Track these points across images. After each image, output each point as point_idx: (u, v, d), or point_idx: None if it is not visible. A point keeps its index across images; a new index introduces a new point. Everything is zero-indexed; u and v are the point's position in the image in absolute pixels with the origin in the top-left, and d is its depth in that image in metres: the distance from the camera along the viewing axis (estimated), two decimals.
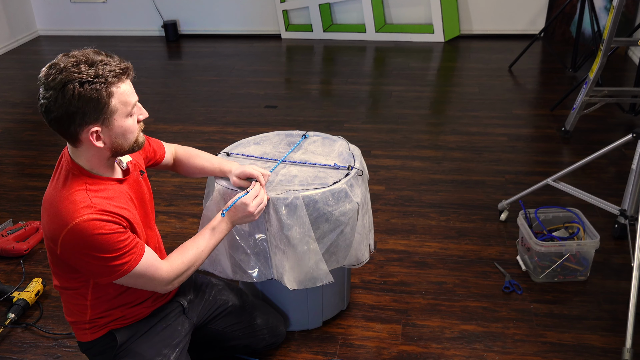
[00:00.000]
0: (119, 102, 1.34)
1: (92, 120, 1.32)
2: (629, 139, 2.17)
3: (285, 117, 3.70)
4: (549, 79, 4.16)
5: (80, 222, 1.32)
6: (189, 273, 1.56)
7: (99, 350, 1.59)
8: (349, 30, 5.17)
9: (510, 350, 1.90)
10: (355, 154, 1.87)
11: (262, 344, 1.84)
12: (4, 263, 2.43)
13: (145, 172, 1.65)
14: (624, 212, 2.28)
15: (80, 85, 1.27)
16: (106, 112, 1.32)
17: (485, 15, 5.01)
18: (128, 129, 1.39)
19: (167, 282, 1.51)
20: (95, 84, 1.28)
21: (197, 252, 1.57)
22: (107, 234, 1.35)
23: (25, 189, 3.01)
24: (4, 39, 5.31)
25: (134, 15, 5.50)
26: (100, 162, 1.42)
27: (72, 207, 1.34)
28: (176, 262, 1.53)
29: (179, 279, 1.54)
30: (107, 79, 1.30)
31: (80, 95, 1.27)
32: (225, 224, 1.62)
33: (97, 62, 1.30)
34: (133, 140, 1.42)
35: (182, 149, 1.84)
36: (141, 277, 1.45)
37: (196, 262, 1.57)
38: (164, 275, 1.49)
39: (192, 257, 1.55)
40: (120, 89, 1.34)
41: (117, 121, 1.35)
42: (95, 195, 1.38)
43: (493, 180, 2.88)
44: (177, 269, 1.52)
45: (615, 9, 2.82)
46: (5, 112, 4.02)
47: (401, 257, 2.36)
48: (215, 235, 1.61)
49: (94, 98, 1.29)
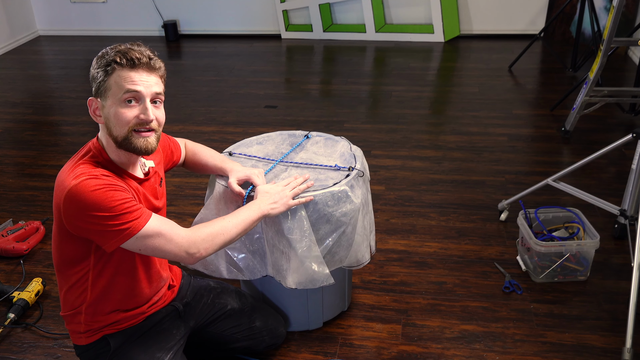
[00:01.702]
0: (114, 83, 1.39)
1: (95, 91, 1.43)
2: (629, 139, 2.17)
3: (285, 117, 3.70)
4: (549, 79, 4.16)
5: (78, 182, 1.34)
6: (216, 242, 1.47)
7: (93, 354, 1.59)
8: (349, 30, 5.17)
9: (510, 350, 1.90)
10: (356, 154, 1.87)
11: (262, 346, 1.84)
12: (4, 263, 2.43)
13: (164, 180, 1.66)
14: (624, 212, 2.28)
15: (101, 57, 1.41)
16: (102, 86, 1.40)
17: (485, 15, 5.01)
18: (118, 115, 1.40)
19: (188, 245, 1.42)
20: (105, 58, 1.39)
21: (223, 222, 1.50)
22: (105, 190, 1.34)
23: (25, 189, 3.01)
24: (4, 39, 5.31)
25: (134, 15, 5.50)
26: (112, 147, 1.44)
27: (74, 173, 1.37)
28: (199, 228, 1.46)
29: (204, 245, 1.45)
30: (116, 59, 1.38)
31: (93, 64, 1.42)
32: (255, 207, 1.56)
33: (128, 47, 1.41)
34: (124, 133, 1.41)
35: (190, 144, 1.85)
36: (155, 238, 1.39)
37: (222, 232, 1.48)
38: (183, 237, 1.42)
39: (217, 227, 1.48)
40: (124, 73, 1.38)
41: (110, 100, 1.40)
42: (101, 172, 1.40)
43: (493, 180, 2.88)
44: (199, 233, 1.45)
45: (615, 9, 2.82)
46: (5, 112, 4.02)
47: (401, 257, 2.36)
48: (242, 213, 1.54)
49: (98, 70, 1.40)
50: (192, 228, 1.48)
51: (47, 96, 4.27)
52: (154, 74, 1.43)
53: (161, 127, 1.48)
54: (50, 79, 4.62)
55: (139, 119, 1.41)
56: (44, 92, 4.35)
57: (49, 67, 4.91)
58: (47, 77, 4.69)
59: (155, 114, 1.43)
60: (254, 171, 1.73)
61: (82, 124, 3.75)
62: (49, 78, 4.65)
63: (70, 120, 3.82)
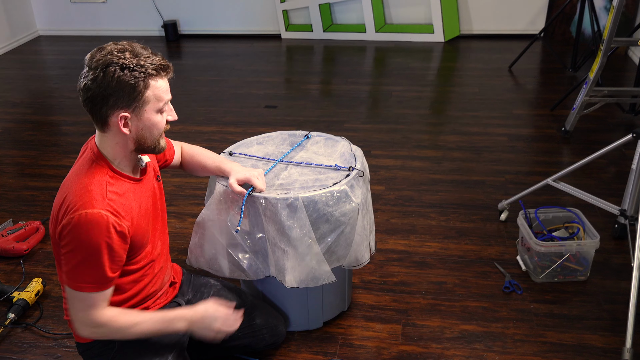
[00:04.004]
0: (153, 95, 1.38)
1: (124, 106, 1.36)
2: (629, 139, 2.17)
3: (285, 117, 3.70)
4: (549, 79, 4.16)
5: (87, 213, 1.34)
6: (109, 334, 1.48)
7: (96, 352, 1.59)
8: (349, 30, 5.17)
9: (510, 350, 1.90)
10: (357, 154, 1.87)
11: (262, 344, 1.84)
12: (4, 263, 2.43)
13: (160, 176, 1.66)
14: (624, 212, 2.28)
15: (122, 70, 1.33)
16: (139, 100, 1.37)
17: (485, 15, 5.01)
18: (156, 124, 1.42)
19: (90, 326, 1.44)
20: (135, 71, 1.34)
21: (142, 326, 1.49)
22: (99, 246, 1.35)
23: (25, 189, 3.01)
24: (4, 39, 5.31)
25: (134, 15, 5.50)
26: (124, 154, 1.45)
27: (88, 195, 1.37)
28: (115, 317, 1.46)
29: (101, 330, 1.46)
30: (147, 70, 1.36)
31: (119, 79, 1.33)
32: (183, 322, 1.54)
33: (142, 54, 1.37)
34: (157, 138, 1.45)
35: (187, 147, 1.84)
36: (79, 302, 1.41)
37: (122, 333, 1.48)
38: (94, 320, 1.43)
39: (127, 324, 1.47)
40: (157, 84, 1.39)
41: (147, 113, 1.40)
42: (109, 196, 1.40)
43: (493, 180, 2.88)
44: (108, 323, 1.44)
45: (615, 9, 2.82)
46: (5, 112, 4.02)
47: (401, 257, 2.36)
48: (167, 325, 1.52)
49: (130, 84, 1.34)
50: (111, 314, 1.45)
51: (47, 96, 4.27)
52: (168, 77, 1.46)
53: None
54: (50, 79, 4.62)
55: (168, 123, 1.47)
56: (44, 92, 4.35)
57: (49, 67, 4.91)
58: (47, 77, 4.69)
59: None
60: (253, 172, 1.73)
61: (82, 124, 3.75)
62: (49, 78, 4.65)
63: (70, 120, 3.82)
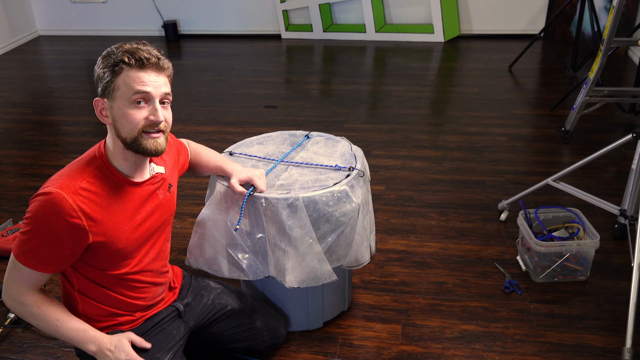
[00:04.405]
0: (123, 83, 1.37)
1: (101, 91, 1.40)
2: (629, 139, 2.17)
3: (285, 117, 3.70)
4: (549, 79, 4.17)
5: (54, 193, 1.34)
6: (28, 319, 1.45)
7: None
8: (349, 30, 5.17)
9: (510, 350, 1.90)
10: (357, 155, 1.87)
11: (262, 346, 1.84)
12: (4, 263, 2.43)
13: (174, 187, 1.64)
14: (624, 212, 2.28)
15: (103, 57, 1.39)
16: (109, 86, 1.38)
17: (485, 15, 5.02)
18: (126, 115, 1.38)
19: (13, 299, 1.42)
20: (111, 58, 1.37)
21: (55, 324, 1.44)
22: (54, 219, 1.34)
23: (25, 189, 3.01)
24: (4, 39, 5.31)
25: (134, 15, 5.50)
26: (119, 150, 1.43)
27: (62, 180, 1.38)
28: (40, 303, 1.43)
29: (20, 308, 1.43)
30: (124, 59, 1.36)
31: (99, 64, 1.39)
32: (93, 346, 1.47)
33: (135, 47, 1.39)
34: (133, 134, 1.39)
35: (193, 145, 1.84)
36: (15, 270, 1.41)
37: (40, 321, 1.44)
38: (20, 294, 1.41)
39: (42, 319, 1.44)
40: (132, 73, 1.37)
41: (118, 101, 1.38)
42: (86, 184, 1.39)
43: (493, 180, 2.88)
44: (31, 305, 1.42)
45: (615, 9, 2.82)
46: (5, 112, 4.02)
47: (401, 257, 2.36)
48: (82, 339, 1.47)
49: (105, 71, 1.38)
50: (42, 296, 1.44)
51: (47, 96, 4.27)
52: (163, 74, 1.42)
53: (169, 127, 1.47)
54: (50, 79, 4.62)
55: (148, 120, 1.39)
56: (44, 92, 4.35)
57: (49, 67, 4.91)
58: (47, 77, 4.69)
59: (164, 115, 1.42)
60: (255, 173, 1.73)
61: (82, 124, 3.75)
62: (49, 78, 4.65)
63: (70, 120, 3.82)
